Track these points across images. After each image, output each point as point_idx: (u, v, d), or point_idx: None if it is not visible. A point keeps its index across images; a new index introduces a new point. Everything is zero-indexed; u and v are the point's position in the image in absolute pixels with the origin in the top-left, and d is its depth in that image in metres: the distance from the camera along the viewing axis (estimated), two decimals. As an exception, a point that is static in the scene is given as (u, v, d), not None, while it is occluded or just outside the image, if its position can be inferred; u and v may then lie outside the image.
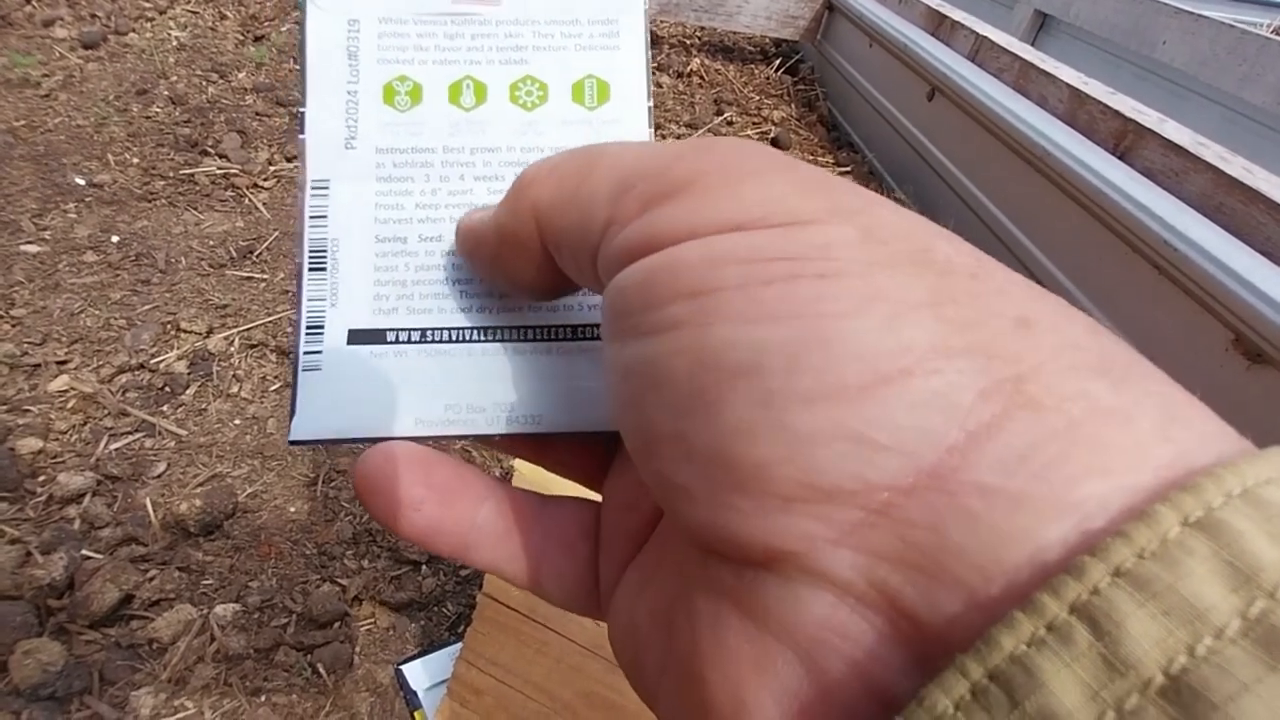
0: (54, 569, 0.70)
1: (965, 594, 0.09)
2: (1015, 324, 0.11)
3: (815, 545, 0.10)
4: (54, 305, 1.01)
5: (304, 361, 0.17)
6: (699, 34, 2.15)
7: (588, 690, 0.55)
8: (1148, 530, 0.09)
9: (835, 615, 0.10)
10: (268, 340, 1.02)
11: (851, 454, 0.10)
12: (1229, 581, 0.08)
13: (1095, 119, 1.01)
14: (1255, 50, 1.37)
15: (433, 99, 0.19)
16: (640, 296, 0.12)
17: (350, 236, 0.18)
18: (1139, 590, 0.08)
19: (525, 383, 0.18)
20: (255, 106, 1.48)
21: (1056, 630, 0.08)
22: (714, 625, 0.12)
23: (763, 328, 0.11)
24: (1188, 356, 0.78)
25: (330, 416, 0.17)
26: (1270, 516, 0.09)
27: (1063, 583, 0.09)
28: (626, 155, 0.14)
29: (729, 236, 0.12)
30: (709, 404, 0.11)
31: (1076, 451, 0.09)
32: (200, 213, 1.22)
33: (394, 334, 0.18)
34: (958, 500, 0.10)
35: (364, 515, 0.83)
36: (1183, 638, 0.08)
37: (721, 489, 0.11)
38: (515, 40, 0.19)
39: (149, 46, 1.60)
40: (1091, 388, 0.10)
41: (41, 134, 1.30)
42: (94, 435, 0.86)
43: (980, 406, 0.10)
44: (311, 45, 0.19)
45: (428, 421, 0.17)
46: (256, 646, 0.70)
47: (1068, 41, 1.91)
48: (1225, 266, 0.72)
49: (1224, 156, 0.83)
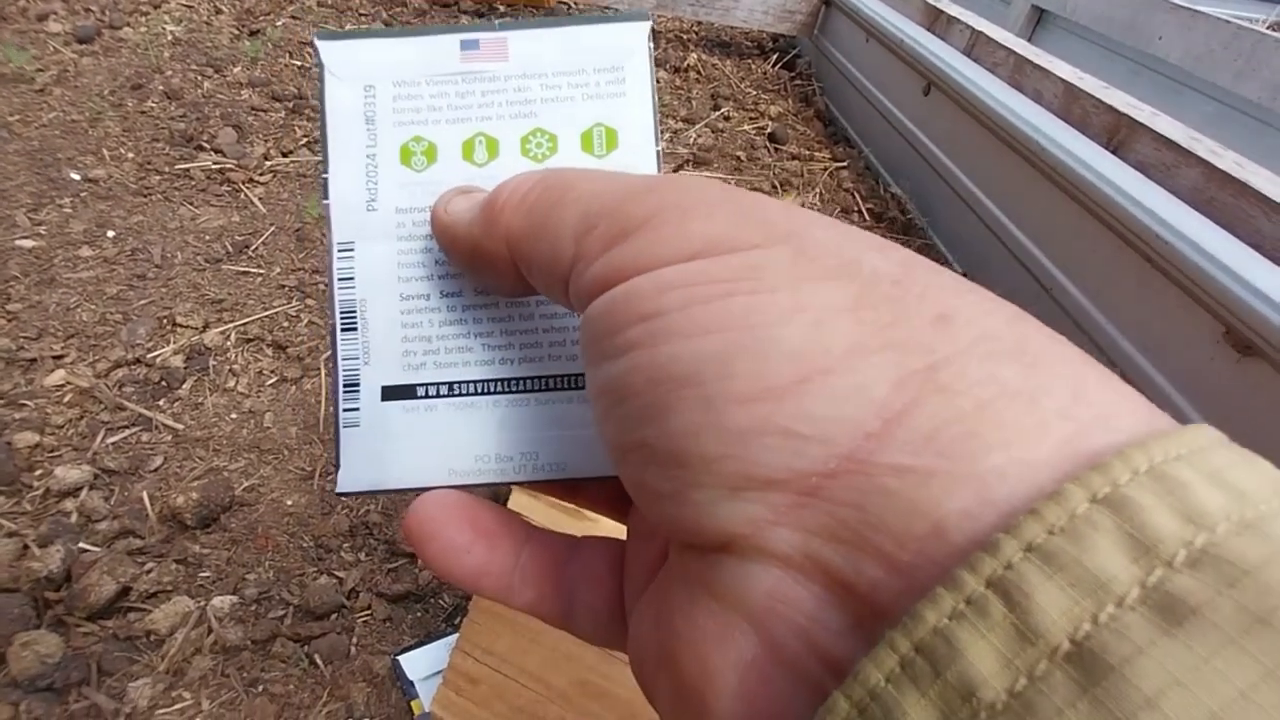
0: (51, 561, 0.70)
1: (885, 561, 0.10)
2: (933, 321, 0.11)
3: (759, 527, 0.12)
4: (50, 300, 1.01)
5: (344, 419, 0.19)
6: (696, 28, 2.15)
7: (582, 679, 0.55)
8: (1057, 507, 0.09)
9: (780, 586, 0.12)
10: (264, 335, 1.02)
11: (781, 446, 0.11)
12: (1130, 553, 0.09)
13: (1089, 113, 1.01)
14: (1251, 45, 1.38)
15: (447, 157, 0.19)
16: (604, 325, 0.14)
17: (377, 295, 0.19)
18: (1047, 564, 0.09)
19: (549, 431, 0.19)
20: (251, 101, 1.48)
21: (974, 603, 0.09)
22: (688, 610, 0.13)
23: (701, 341, 0.12)
24: (1178, 349, 0.78)
25: (371, 469, 0.19)
26: (1173, 490, 0.09)
27: (979, 559, 0.09)
28: (589, 190, 0.15)
29: (676, 267, 0.13)
30: (662, 412, 0.12)
31: (981, 429, 0.10)
32: (196, 208, 1.22)
33: (423, 389, 0.19)
34: (875, 480, 0.11)
35: (360, 508, 0.84)
36: (1088, 607, 0.08)
37: (681, 485, 0.12)
38: (524, 94, 0.19)
39: (143, 41, 1.59)
40: (1001, 373, 0.11)
41: (36, 129, 1.29)
42: (90, 429, 0.86)
43: (894, 396, 0.11)
44: (331, 112, 0.19)
45: (460, 472, 0.19)
46: (254, 638, 0.70)
47: (1064, 36, 1.91)
48: (1216, 260, 0.72)
49: (1215, 151, 0.84)
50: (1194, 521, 0.09)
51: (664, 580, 0.15)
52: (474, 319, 0.19)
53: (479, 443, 0.19)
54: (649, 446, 0.13)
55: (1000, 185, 1.15)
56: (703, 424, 0.12)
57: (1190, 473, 0.09)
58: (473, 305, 0.19)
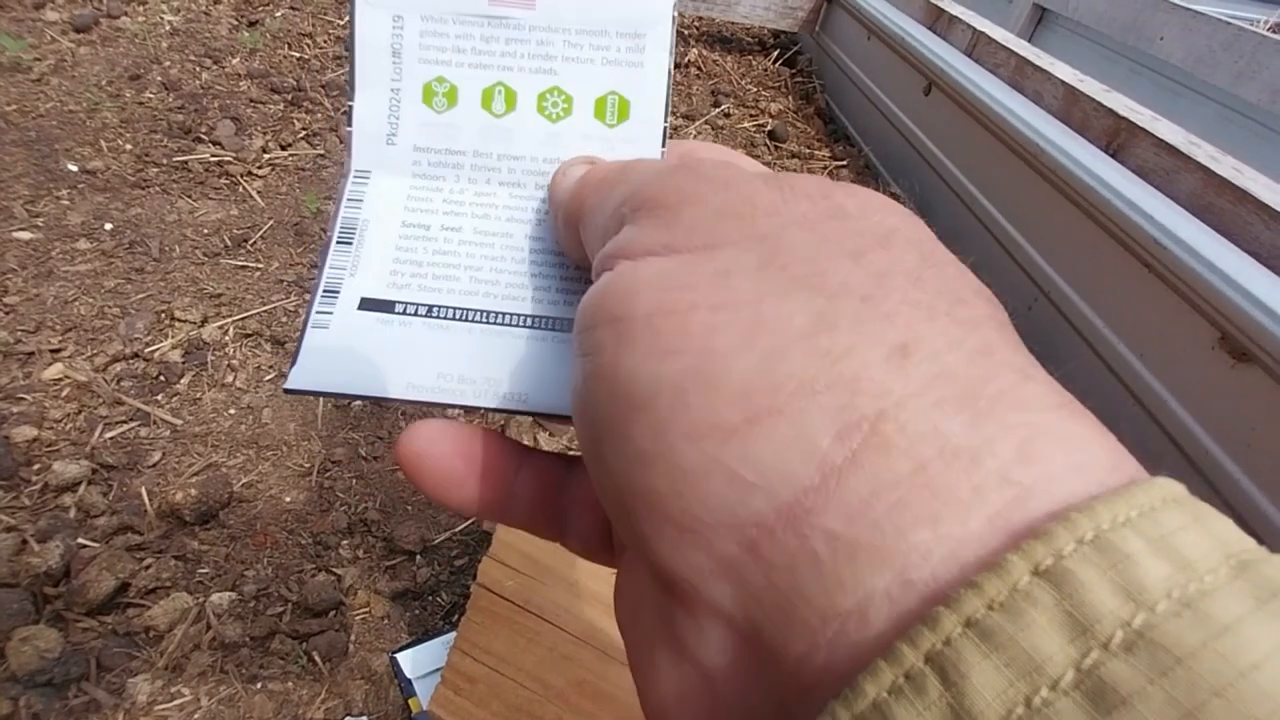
0: (50, 557, 0.70)
1: (808, 636, 0.10)
2: (891, 353, 0.11)
3: (704, 577, 0.11)
4: (47, 293, 1.00)
5: (313, 321, 0.19)
6: (697, 24, 2.14)
7: (579, 678, 0.56)
8: (998, 580, 0.09)
9: (724, 649, 0.11)
10: (262, 330, 1.02)
11: (725, 492, 0.11)
12: (1068, 632, 0.08)
13: (1089, 116, 1.01)
14: (1251, 47, 1.38)
15: (467, 102, 0.20)
16: (584, 318, 0.14)
17: (380, 220, 0.20)
18: (984, 641, 0.09)
19: (517, 364, 0.19)
20: (249, 93, 1.47)
21: (912, 679, 0.09)
22: (649, 647, 0.13)
23: (659, 361, 0.12)
24: (1174, 354, 0.79)
25: (328, 371, 0.18)
26: (1115, 563, 0.09)
27: (919, 632, 0.09)
28: (637, 174, 0.15)
29: (651, 261, 0.13)
30: (618, 432, 0.12)
31: (915, 498, 0.10)
32: (194, 200, 1.22)
33: (403, 306, 0.19)
34: (808, 544, 0.10)
35: (359, 505, 0.84)
36: (1022, 689, 0.08)
37: (631, 515, 0.12)
38: (546, 49, 0.20)
39: (141, 31, 1.58)
40: (946, 426, 0.10)
41: (33, 119, 1.29)
42: (89, 424, 0.86)
43: (835, 448, 0.11)
44: (360, 41, 0.20)
45: (419, 387, 0.18)
46: (252, 634, 0.71)
47: (1066, 36, 1.90)
48: (1213, 266, 0.73)
49: (1214, 156, 0.84)
50: (1134, 599, 0.08)
51: (636, 568, 0.15)
52: (467, 254, 0.20)
53: (445, 362, 0.19)
54: (606, 464, 0.13)
55: (999, 186, 1.15)
56: (654, 454, 0.12)
57: (1136, 541, 0.09)
58: (469, 242, 0.20)
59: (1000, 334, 0.12)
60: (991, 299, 0.13)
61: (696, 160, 0.15)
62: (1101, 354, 0.89)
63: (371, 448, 0.91)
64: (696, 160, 0.15)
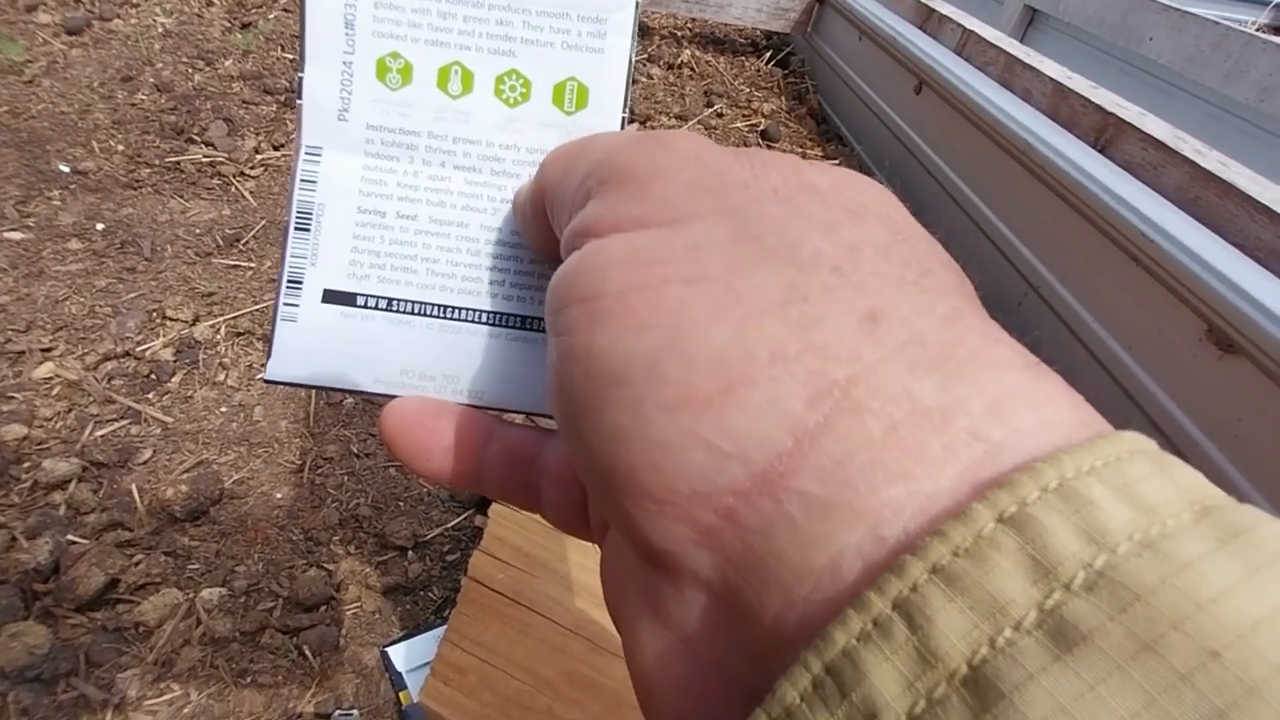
0: (39, 553, 0.70)
1: (783, 595, 0.10)
2: (862, 320, 0.11)
3: (684, 546, 0.11)
4: (38, 292, 1.00)
5: (282, 312, 0.19)
6: (690, 25, 2.15)
7: (569, 669, 0.56)
8: (964, 528, 0.09)
9: (706, 615, 0.12)
10: (254, 328, 1.02)
11: (703, 460, 0.11)
12: (1031, 575, 0.09)
13: (1077, 113, 1.02)
14: (1239, 47, 1.39)
15: (422, 81, 0.19)
16: (555, 298, 0.14)
17: (335, 203, 0.20)
18: (949, 585, 0.09)
19: (474, 361, 0.19)
20: (242, 94, 1.47)
21: (880, 625, 0.09)
22: (634, 619, 0.13)
23: (633, 336, 0.12)
24: (1161, 346, 0.79)
25: (301, 364, 0.19)
26: (1079, 508, 0.09)
27: (886, 580, 0.09)
28: (601, 146, 0.15)
29: (621, 237, 0.13)
30: (595, 410, 0.12)
31: (886, 457, 0.10)
32: (186, 201, 1.22)
33: (363, 299, 0.19)
34: (783, 507, 0.11)
35: (350, 501, 0.84)
36: (986, 630, 0.09)
37: (611, 491, 0.12)
38: (505, 29, 0.19)
39: (134, 33, 1.58)
40: (918, 387, 0.11)
41: (25, 120, 1.29)
42: (79, 422, 0.86)
43: (807, 413, 0.11)
44: (312, 8, 0.19)
45: (384, 381, 0.19)
46: (243, 630, 0.70)
47: (1056, 36, 1.92)
48: (1199, 258, 0.73)
49: (1201, 150, 0.85)
50: (1096, 541, 0.09)
51: (619, 544, 0.15)
52: (424, 244, 0.20)
53: (406, 359, 0.19)
54: (584, 442, 0.13)
55: (989, 184, 1.16)
56: (630, 429, 0.12)
57: (1100, 489, 0.09)
58: (425, 231, 0.20)
59: (968, 303, 0.12)
60: (959, 272, 0.13)
61: (663, 132, 0.15)
62: (1090, 347, 0.89)
63: (363, 444, 0.91)
64: (663, 132, 0.15)
